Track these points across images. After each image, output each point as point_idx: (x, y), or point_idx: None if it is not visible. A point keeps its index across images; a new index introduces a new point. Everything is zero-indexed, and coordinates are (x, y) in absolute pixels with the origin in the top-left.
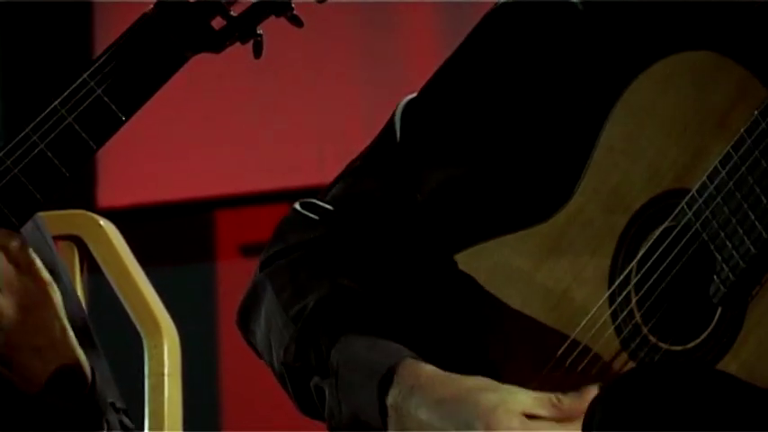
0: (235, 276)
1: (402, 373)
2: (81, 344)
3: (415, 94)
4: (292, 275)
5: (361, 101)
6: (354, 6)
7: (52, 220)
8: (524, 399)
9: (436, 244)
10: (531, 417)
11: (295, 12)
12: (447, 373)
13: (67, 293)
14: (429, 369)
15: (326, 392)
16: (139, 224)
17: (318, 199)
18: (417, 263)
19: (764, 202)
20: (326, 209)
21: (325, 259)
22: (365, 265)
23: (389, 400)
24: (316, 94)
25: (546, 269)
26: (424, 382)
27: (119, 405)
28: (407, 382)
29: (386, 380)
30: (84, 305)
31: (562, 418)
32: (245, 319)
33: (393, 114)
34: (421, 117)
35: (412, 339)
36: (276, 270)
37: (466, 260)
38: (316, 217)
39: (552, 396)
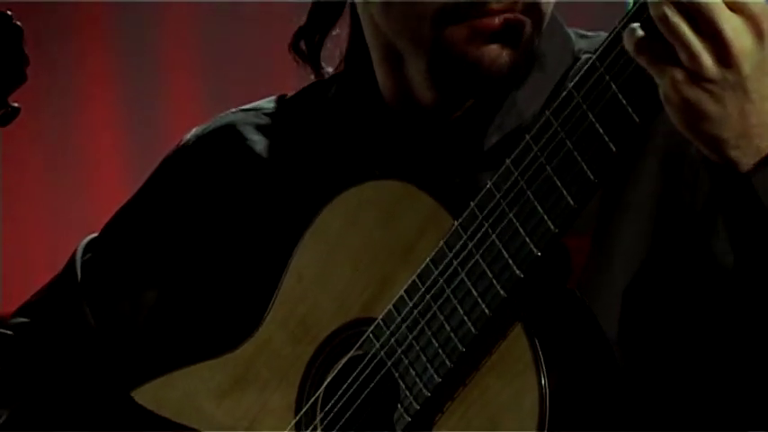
0: None
1: None
2: None
3: (96, 234)
4: None
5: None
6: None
7: None
8: None
9: (118, 377)
10: None
11: None
12: None
13: None
14: None
15: None
16: None
17: None
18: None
19: (447, 330)
20: (6, 335)
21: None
22: (40, 389)
23: None
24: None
25: (233, 400)
26: None
27: None
28: None
29: None
30: None
31: None
32: None
33: (75, 252)
34: (103, 254)
35: None
36: None
37: (153, 392)
38: None
39: None
